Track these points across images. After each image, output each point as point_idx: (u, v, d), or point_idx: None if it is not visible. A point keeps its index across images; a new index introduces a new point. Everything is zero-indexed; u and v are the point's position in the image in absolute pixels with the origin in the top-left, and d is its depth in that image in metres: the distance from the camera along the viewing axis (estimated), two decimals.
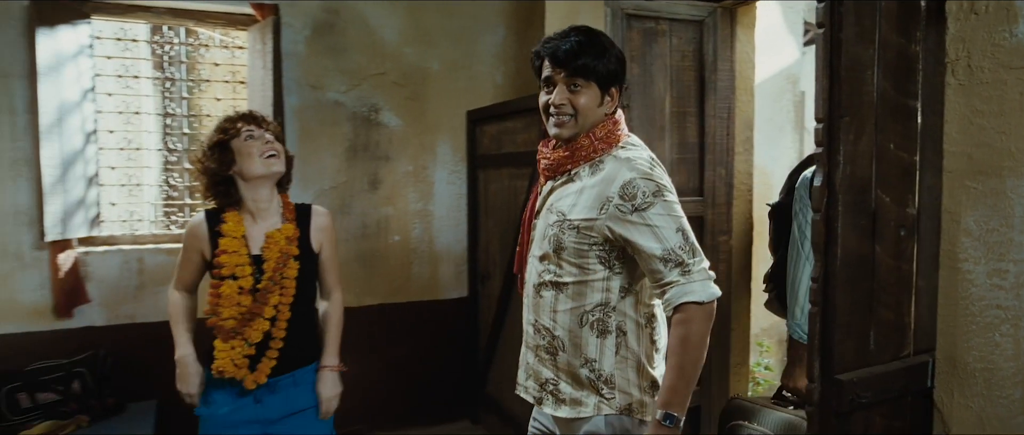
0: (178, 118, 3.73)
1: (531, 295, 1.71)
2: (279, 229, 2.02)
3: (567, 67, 1.59)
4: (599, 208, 1.58)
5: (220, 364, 1.94)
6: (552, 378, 1.68)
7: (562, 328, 1.65)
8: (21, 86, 3.16)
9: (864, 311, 1.49)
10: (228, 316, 1.92)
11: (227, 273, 1.94)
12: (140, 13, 3.43)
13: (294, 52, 3.66)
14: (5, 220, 3.19)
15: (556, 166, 1.67)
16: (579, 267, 1.62)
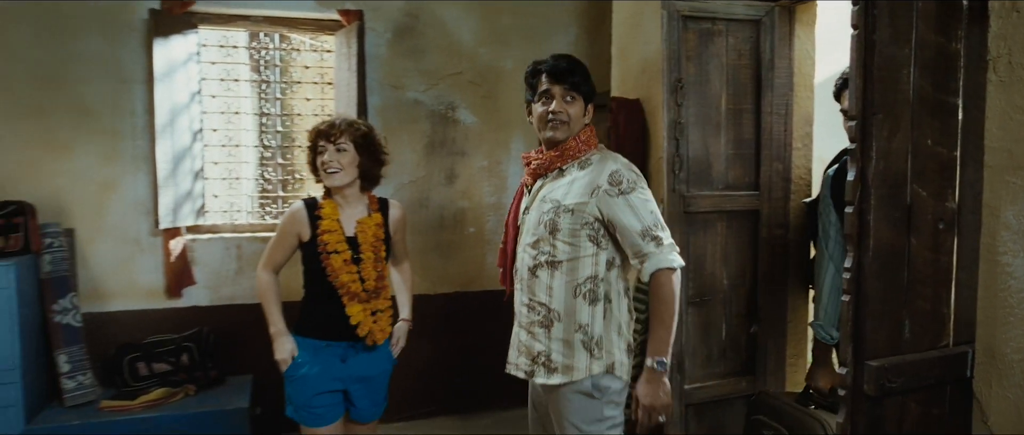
0: (273, 117, 4.05)
1: (525, 278, 2.01)
2: (368, 217, 2.37)
3: (564, 82, 1.95)
4: (590, 193, 1.90)
5: (364, 328, 2.30)
6: (544, 350, 1.97)
7: (558, 301, 1.94)
8: (140, 91, 3.54)
9: (898, 301, 1.54)
10: (347, 281, 2.27)
11: (331, 249, 2.28)
12: (240, 22, 3.76)
13: (377, 54, 3.91)
14: (126, 210, 3.59)
15: (548, 164, 2.00)
16: (571, 245, 1.92)
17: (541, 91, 2.00)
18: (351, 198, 2.38)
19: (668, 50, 2.18)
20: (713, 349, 2.34)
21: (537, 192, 2.03)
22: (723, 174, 2.32)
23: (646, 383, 1.91)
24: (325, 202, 2.34)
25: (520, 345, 2.04)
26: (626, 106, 2.84)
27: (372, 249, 2.33)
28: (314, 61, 4.12)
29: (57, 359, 3.29)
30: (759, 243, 2.35)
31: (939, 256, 1.58)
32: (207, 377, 3.51)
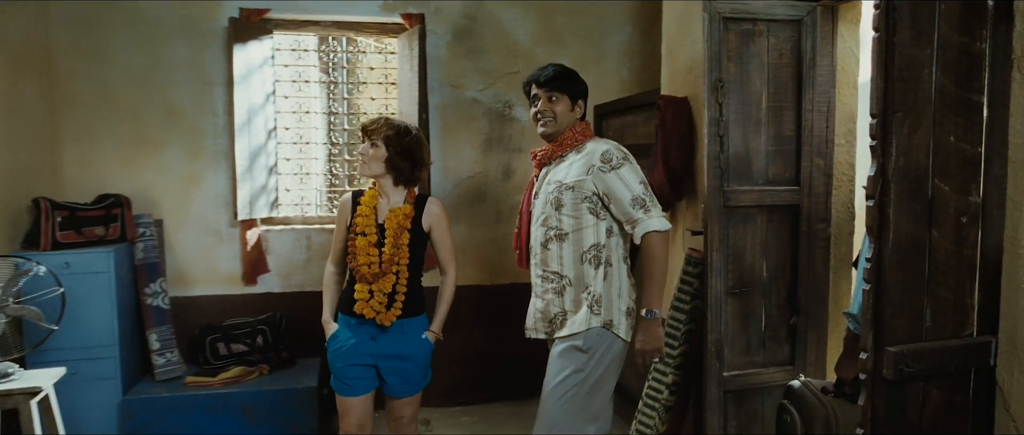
0: (340, 116, 4.30)
1: (539, 253, 2.34)
2: (399, 207, 2.55)
3: (546, 86, 2.35)
4: (586, 171, 2.24)
5: (359, 307, 2.48)
6: (560, 312, 2.30)
7: (568, 268, 2.27)
8: (221, 92, 3.85)
9: (918, 290, 1.61)
10: (363, 263, 2.48)
11: (359, 231, 2.51)
12: (311, 27, 4.02)
13: (437, 55, 4.10)
14: (208, 202, 3.90)
15: (550, 154, 2.36)
16: (575, 218, 2.25)
17: (532, 96, 2.40)
18: (388, 190, 2.57)
19: (709, 50, 2.27)
20: (752, 339, 2.42)
21: (543, 178, 2.37)
22: (763, 170, 2.39)
23: (642, 331, 2.25)
24: (368, 193, 2.59)
25: (537, 313, 2.38)
26: (673, 104, 2.93)
27: (394, 234, 2.49)
28: (379, 62, 4.35)
29: (148, 338, 3.62)
30: (800, 236, 2.41)
31: (962, 248, 1.64)
32: (279, 358, 3.78)
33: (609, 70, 4.34)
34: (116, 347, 3.37)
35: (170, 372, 3.63)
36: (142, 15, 3.72)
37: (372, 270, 2.47)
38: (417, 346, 2.59)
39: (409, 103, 3.96)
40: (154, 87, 3.78)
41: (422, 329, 2.62)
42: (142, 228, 3.64)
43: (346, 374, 2.56)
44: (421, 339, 2.60)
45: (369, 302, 2.49)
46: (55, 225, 3.28)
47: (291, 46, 4.16)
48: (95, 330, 3.31)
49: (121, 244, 3.50)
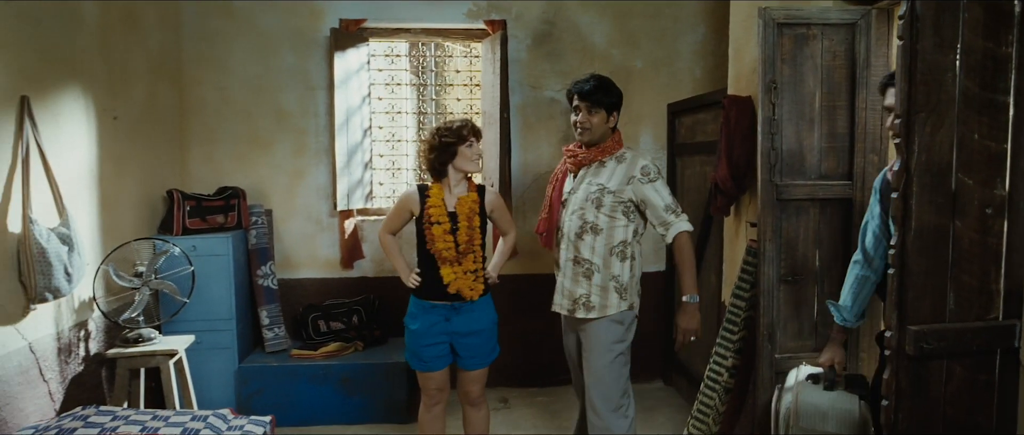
0: (429, 115, 4.66)
1: (573, 240, 2.73)
2: (467, 195, 2.86)
3: (587, 100, 2.69)
4: (627, 181, 2.66)
5: (454, 286, 2.80)
6: (585, 293, 2.71)
7: (598, 257, 2.69)
8: (323, 96, 4.27)
9: (941, 276, 1.75)
10: (441, 247, 2.77)
11: (434, 220, 2.81)
12: (403, 34, 4.40)
13: (518, 58, 4.38)
14: (311, 195, 4.34)
15: (590, 157, 2.72)
16: (610, 217, 2.67)
17: (574, 106, 2.76)
18: (456, 183, 2.88)
19: (763, 54, 2.43)
20: (804, 324, 2.55)
21: (583, 178, 2.75)
22: (816, 165, 2.52)
23: (683, 313, 2.67)
24: (433, 186, 2.89)
25: (564, 290, 2.78)
26: (738, 102, 3.08)
27: (467, 219, 2.80)
28: (464, 65, 4.68)
29: (260, 314, 4.09)
30: (851, 229, 2.53)
31: (987, 238, 1.76)
32: (372, 336, 4.18)
33: (682, 70, 4.49)
34: (233, 321, 3.84)
35: (278, 345, 4.08)
36: (257, 28, 4.19)
37: (450, 254, 2.78)
38: (486, 321, 2.91)
39: (492, 103, 4.26)
40: (266, 92, 4.25)
41: (489, 306, 2.94)
42: (255, 217, 4.11)
43: (425, 354, 2.87)
44: (489, 314, 2.92)
45: (458, 281, 2.80)
46: (185, 213, 3.78)
47: (384, 52, 4.55)
48: (216, 305, 3.79)
49: (237, 231, 3.97)
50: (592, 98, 2.69)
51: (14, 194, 2.58)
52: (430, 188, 2.89)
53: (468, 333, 2.87)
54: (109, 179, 3.30)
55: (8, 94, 2.58)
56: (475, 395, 2.98)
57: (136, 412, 2.62)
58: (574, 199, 2.74)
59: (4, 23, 2.56)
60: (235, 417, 2.70)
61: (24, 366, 2.63)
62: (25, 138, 2.64)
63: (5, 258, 2.54)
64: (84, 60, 3.10)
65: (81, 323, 3.06)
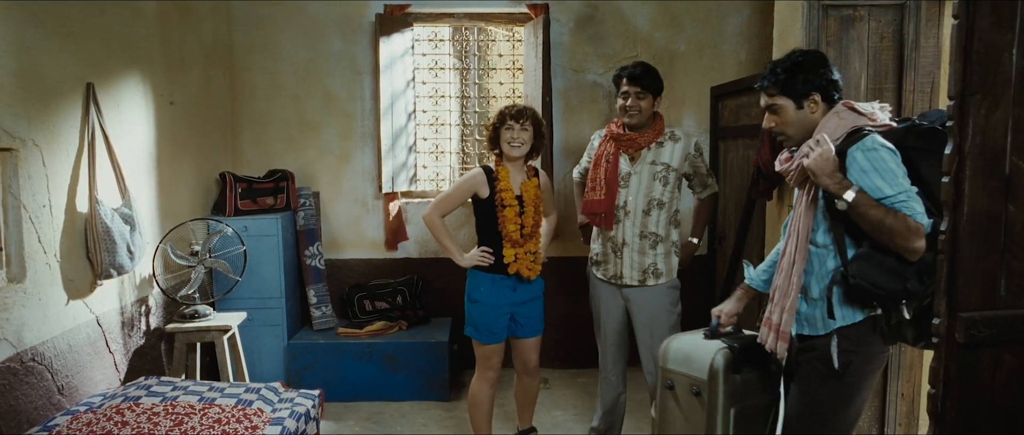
0: (472, 99, 4.71)
1: (639, 217, 2.94)
2: (529, 180, 2.99)
3: (637, 84, 2.88)
4: (685, 158, 2.97)
5: (514, 268, 2.92)
6: (652, 263, 2.97)
7: (662, 228, 2.96)
8: (369, 80, 4.35)
9: (993, 261, 1.72)
10: (513, 230, 2.89)
11: (506, 203, 2.90)
12: (446, 19, 4.44)
13: (560, 42, 4.39)
14: (357, 177, 4.43)
15: (648, 139, 2.94)
16: (672, 192, 2.97)
17: (622, 91, 2.93)
18: (518, 166, 2.99)
19: (807, 36, 2.40)
20: None
21: (645, 158, 2.95)
22: None
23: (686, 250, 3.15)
24: (500, 168, 2.95)
25: (632, 263, 2.98)
26: None
27: (533, 205, 2.95)
28: (507, 50, 4.70)
29: (308, 293, 4.21)
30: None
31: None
32: (416, 315, 4.27)
33: (726, 52, 4.44)
34: (282, 299, 3.96)
35: (325, 323, 4.20)
36: (305, 14, 4.28)
37: (517, 235, 2.91)
38: (539, 289, 3.09)
39: (534, 87, 4.28)
40: (314, 77, 4.34)
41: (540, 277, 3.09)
42: (303, 199, 4.22)
43: (495, 325, 2.98)
44: (541, 284, 3.10)
45: (519, 263, 2.93)
46: (237, 195, 3.90)
47: (428, 37, 4.60)
48: (266, 284, 3.91)
49: (286, 212, 4.09)
50: (642, 82, 2.87)
51: (81, 176, 2.72)
52: (498, 171, 2.95)
53: (528, 300, 3.02)
54: (166, 162, 3.43)
55: (75, 81, 2.71)
56: (534, 363, 3.14)
57: (193, 383, 2.75)
58: (639, 179, 2.95)
59: (72, 14, 2.68)
60: (286, 390, 2.80)
61: (92, 338, 2.77)
62: (91, 123, 2.76)
63: (74, 237, 2.68)
64: (143, 48, 3.22)
65: (142, 299, 3.20)
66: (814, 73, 2.02)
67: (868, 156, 1.88)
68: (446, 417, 3.78)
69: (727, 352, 2.14)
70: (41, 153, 2.50)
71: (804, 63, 2.03)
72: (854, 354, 1.97)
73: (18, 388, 2.36)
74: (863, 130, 1.94)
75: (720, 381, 2.10)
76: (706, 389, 2.12)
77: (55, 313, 2.57)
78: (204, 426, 2.35)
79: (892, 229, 1.82)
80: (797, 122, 2.05)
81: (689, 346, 2.23)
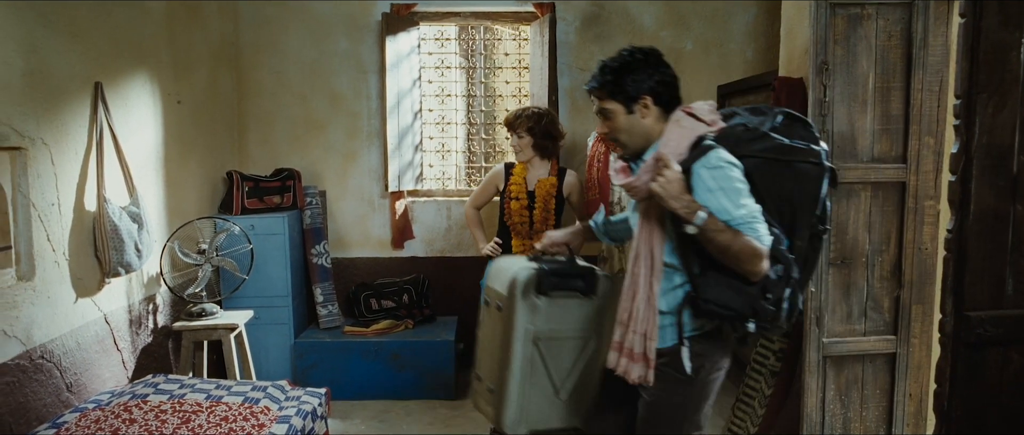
0: (478, 98, 4.71)
1: None
2: (547, 178, 3.14)
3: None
4: None
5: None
6: None
7: None
8: (375, 79, 4.36)
9: (1000, 261, 1.72)
10: (517, 221, 3.06)
11: (513, 196, 3.10)
12: (453, 18, 4.44)
13: (566, 41, 4.39)
14: (363, 176, 4.44)
15: None
16: None
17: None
18: (536, 164, 3.18)
19: (814, 35, 2.39)
20: (853, 308, 2.53)
21: None
22: (869, 148, 2.48)
23: None
24: (518, 166, 3.19)
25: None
26: (788, 84, 3.04)
27: (544, 200, 3.08)
28: (513, 49, 4.70)
29: (314, 292, 4.22)
30: (905, 212, 2.48)
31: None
32: (422, 314, 4.27)
33: (733, 51, 4.43)
34: (289, 298, 3.98)
35: (331, 321, 4.21)
36: (311, 13, 4.29)
37: (524, 228, 3.07)
38: None
39: (540, 86, 4.28)
40: (320, 76, 4.35)
41: None
42: (310, 198, 4.23)
43: None
44: None
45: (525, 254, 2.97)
46: (243, 194, 3.92)
47: (434, 36, 4.61)
48: (273, 282, 3.93)
49: (293, 211, 4.10)
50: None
51: (90, 175, 2.73)
52: (515, 167, 3.20)
53: None
54: (174, 160, 3.44)
55: (84, 81, 2.72)
56: None
57: (201, 381, 2.76)
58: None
59: (80, 14, 2.69)
60: (292, 388, 2.82)
61: (100, 335, 2.79)
62: (99, 122, 2.78)
63: (83, 235, 2.70)
64: (151, 47, 3.24)
65: (149, 297, 3.22)
66: (644, 74, 1.87)
67: (714, 175, 1.75)
68: (452, 416, 3.78)
69: (532, 272, 2.01)
70: (50, 152, 2.51)
71: (633, 63, 1.89)
72: (703, 358, 1.90)
73: (28, 385, 2.38)
74: (705, 140, 1.81)
75: (518, 298, 1.99)
76: (506, 306, 2.03)
77: (64, 311, 2.58)
78: (211, 424, 2.36)
79: (739, 254, 1.71)
80: (629, 128, 1.90)
81: (507, 264, 2.14)
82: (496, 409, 2.06)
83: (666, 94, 1.90)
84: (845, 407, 2.61)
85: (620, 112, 1.89)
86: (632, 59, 1.89)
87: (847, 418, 2.61)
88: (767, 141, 1.79)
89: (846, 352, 2.54)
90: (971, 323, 1.70)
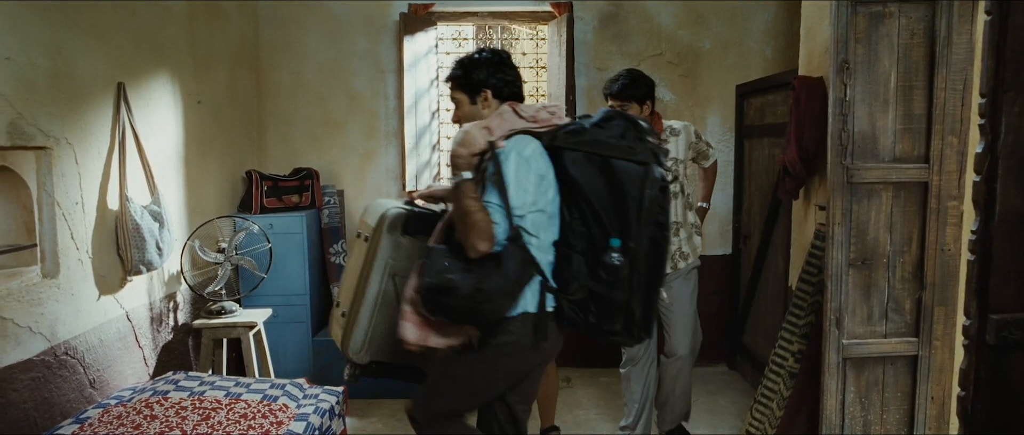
0: None
1: None
2: None
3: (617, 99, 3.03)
4: (688, 146, 3.16)
5: None
6: (677, 250, 3.14)
7: (680, 215, 3.14)
8: (393, 79, 4.38)
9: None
10: None
11: None
12: (470, 18, 4.45)
13: (584, 40, 4.38)
14: (380, 175, 4.46)
15: None
16: (680, 182, 3.10)
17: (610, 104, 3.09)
18: None
19: (835, 33, 2.37)
20: (874, 309, 2.49)
21: None
22: (890, 147, 2.44)
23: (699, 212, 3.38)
24: None
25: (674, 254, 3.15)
26: (808, 83, 3.01)
27: None
28: (530, 48, 4.70)
29: (332, 290, 4.25)
30: (928, 213, 2.45)
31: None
32: None
33: (752, 50, 4.40)
34: (307, 296, 4.00)
35: None
36: (330, 13, 4.32)
37: None
38: None
39: (558, 85, 4.28)
40: (338, 76, 4.38)
41: None
42: (328, 197, 4.26)
43: None
44: None
45: None
46: (262, 193, 3.95)
47: (452, 35, 4.62)
48: (291, 281, 3.96)
49: (311, 210, 4.13)
50: (621, 97, 3.03)
51: (112, 174, 2.77)
52: None
53: None
54: (194, 160, 3.48)
55: (107, 81, 2.76)
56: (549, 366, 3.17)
57: (220, 378, 2.79)
58: None
59: (104, 15, 2.73)
60: (310, 387, 2.84)
61: (122, 332, 2.83)
62: (121, 122, 2.82)
63: (105, 233, 2.73)
64: (172, 48, 3.27)
65: (170, 295, 3.25)
66: (488, 72, 2.12)
67: (499, 157, 1.93)
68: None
69: (402, 212, 2.22)
70: (74, 151, 2.55)
71: (481, 61, 2.14)
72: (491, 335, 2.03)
73: (52, 381, 2.41)
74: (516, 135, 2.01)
75: (384, 232, 2.18)
76: (372, 238, 2.21)
77: (87, 308, 2.62)
78: (230, 421, 2.39)
79: (475, 224, 1.86)
80: (472, 116, 2.16)
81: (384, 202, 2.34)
82: (344, 333, 2.25)
83: (507, 91, 2.15)
84: (865, 410, 2.58)
85: (466, 102, 2.17)
86: (481, 58, 2.15)
87: (867, 421, 2.58)
88: (583, 135, 1.99)
89: (866, 354, 2.51)
90: (996, 326, 1.67)
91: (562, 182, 2.02)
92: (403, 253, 2.21)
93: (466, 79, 2.15)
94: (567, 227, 2.03)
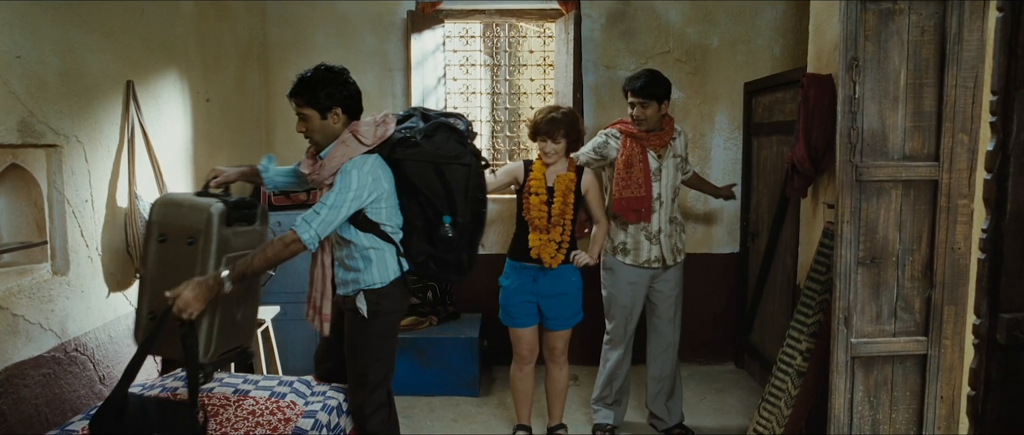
0: (503, 96, 4.71)
1: (669, 205, 3.32)
2: (566, 174, 3.11)
3: (639, 96, 3.20)
4: (685, 147, 3.43)
5: (535, 252, 3.08)
6: (677, 243, 3.38)
7: (678, 212, 3.41)
8: (400, 77, 4.38)
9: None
10: (536, 216, 3.06)
11: (533, 191, 3.09)
12: (478, 16, 4.45)
13: (591, 38, 4.37)
14: None
15: (668, 136, 3.31)
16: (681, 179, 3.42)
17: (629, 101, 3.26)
18: (551, 159, 3.15)
19: (844, 31, 2.35)
20: (883, 308, 2.48)
21: (668, 154, 3.32)
22: (900, 145, 2.43)
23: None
24: (537, 162, 3.17)
25: (672, 247, 3.35)
26: (817, 81, 3.00)
27: (562, 195, 3.07)
28: (538, 46, 4.70)
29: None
30: (938, 211, 2.43)
31: None
32: (446, 311, 4.29)
33: (761, 47, 4.38)
34: None
35: None
36: (338, 12, 4.33)
37: (542, 222, 3.06)
38: (569, 285, 3.17)
39: (565, 83, 4.27)
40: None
41: (575, 273, 3.18)
42: None
43: (515, 310, 3.17)
44: (572, 279, 3.17)
45: (541, 248, 3.07)
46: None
47: (459, 33, 4.62)
48: (299, 278, 3.95)
49: None
50: (643, 94, 3.17)
51: (122, 171, 2.79)
52: (534, 163, 3.19)
53: (552, 294, 3.16)
54: (202, 157, 3.50)
55: (116, 79, 2.77)
56: (558, 352, 3.26)
57: (228, 375, 2.80)
58: (667, 172, 3.32)
59: (113, 14, 2.74)
60: (318, 384, 2.84)
61: (132, 329, 2.84)
62: (131, 120, 2.83)
63: (115, 231, 2.75)
64: (181, 46, 3.29)
65: None
66: (335, 88, 2.35)
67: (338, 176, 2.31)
68: (476, 412, 3.80)
69: (222, 206, 2.32)
70: (84, 149, 2.56)
71: (327, 79, 2.35)
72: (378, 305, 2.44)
73: (62, 377, 2.43)
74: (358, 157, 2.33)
75: (215, 230, 2.28)
76: (202, 237, 2.28)
77: (97, 305, 2.64)
78: (239, 417, 2.40)
79: (278, 256, 2.27)
80: (322, 130, 2.38)
81: (183, 200, 2.40)
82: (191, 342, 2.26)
83: (353, 107, 2.41)
84: (874, 409, 2.56)
85: (316, 117, 2.37)
86: (327, 75, 2.37)
87: (876, 420, 2.57)
88: (419, 149, 2.38)
89: (875, 353, 2.49)
90: (1007, 325, 1.67)
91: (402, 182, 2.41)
92: (232, 245, 2.37)
93: (314, 97, 2.33)
94: (407, 211, 2.46)
